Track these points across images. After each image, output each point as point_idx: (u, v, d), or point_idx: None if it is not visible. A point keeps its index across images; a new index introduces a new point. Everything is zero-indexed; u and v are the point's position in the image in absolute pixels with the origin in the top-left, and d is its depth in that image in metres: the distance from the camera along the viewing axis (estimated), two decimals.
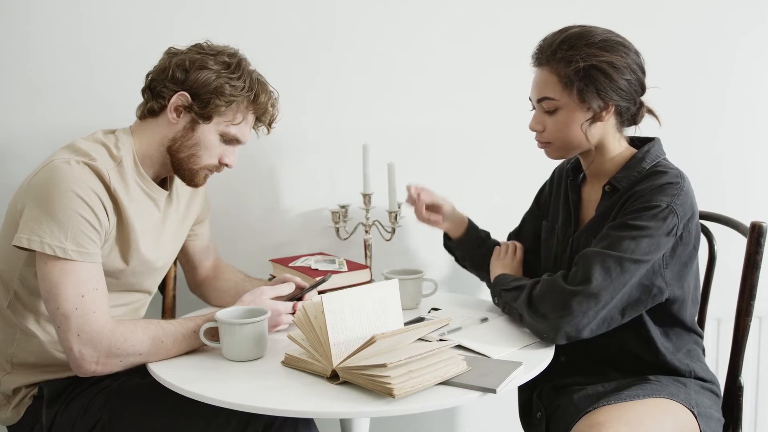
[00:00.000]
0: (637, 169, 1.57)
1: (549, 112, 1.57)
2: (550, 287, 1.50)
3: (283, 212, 2.14)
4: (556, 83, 1.54)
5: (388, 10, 2.13)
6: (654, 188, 1.50)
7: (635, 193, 1.52)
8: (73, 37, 1.89)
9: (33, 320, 1.53)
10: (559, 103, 1.55)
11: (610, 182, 1.59)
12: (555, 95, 1.55)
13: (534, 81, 1.60)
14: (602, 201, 1.62)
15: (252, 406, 1.24)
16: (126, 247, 1.54)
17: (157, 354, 1.44)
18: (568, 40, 1.54)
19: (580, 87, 1.52)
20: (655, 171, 1.55)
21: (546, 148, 1.63)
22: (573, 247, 1.64)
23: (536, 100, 1.59)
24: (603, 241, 1.50)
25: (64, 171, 1.42)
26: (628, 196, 1.53)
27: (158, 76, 1.56)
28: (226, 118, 1.56)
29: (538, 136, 1.62)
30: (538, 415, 1.62)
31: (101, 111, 1.91)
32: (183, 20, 1.97)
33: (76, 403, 1.51)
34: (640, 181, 1.55)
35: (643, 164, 1.58)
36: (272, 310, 1.53)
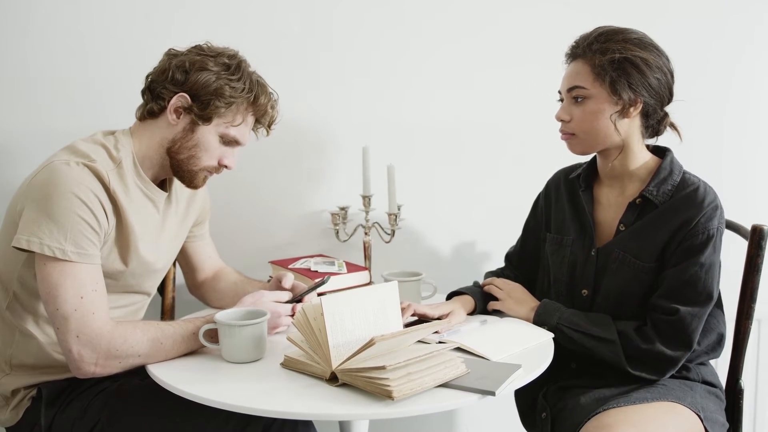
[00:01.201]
0: (671, 182, 1.59)
1: (578, 102, 1.59)
2: (648, 354, 1.52)
3: (282, 214, 2.14)
4: (588, 73, 1.57)
5: (387, 11, 2.13)
6: (705, 214, 1.54)
7: (688, 221, 1.54)
8: (72, 39, 1.89)
9: (32, 321, 1.53)
10: (590, 92, 1.57)
11: (643, 195, 1.60)
12: (586, 84, 1.57)
13: (566, 74, 1.63)
14: (629, 212, 1.62)
15: (251, 408, 1.24)
16: (125, 248, 1.54)
17: (156, 355, 1.44)
18: (605, 33, 1.58)
19: (613, 78, 1.54)
20: (689, 185, 1.58)
21: (570, 140, 1.63)
22: (600, 260, 1.64)
23: (566, 90, 1.61)
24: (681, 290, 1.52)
25: (64, 172, 1.42)
26: (681, 222, 1.54)
27: (158, 78, 1.56)
28: (226, 119, 1.56)
29: (564, 127, 1.62)
30: (543, 415, 1.61)
31: (101, 112, 1.91)
32: (182, 21, 1.97)
33: (75, 404, 1.51)
34: (674, 195, 1.58)
35: (674, 176, 1.60)
36: (272, 311, 1.53)
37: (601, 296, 1.63)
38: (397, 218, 2.07)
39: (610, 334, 1.55)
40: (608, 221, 1.66)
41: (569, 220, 1.72)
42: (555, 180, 1.83)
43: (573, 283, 1.68)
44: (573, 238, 1.70)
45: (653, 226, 1.57)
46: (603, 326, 1.57)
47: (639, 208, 1.60)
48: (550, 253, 1.76)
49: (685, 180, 1.60)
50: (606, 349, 1.55)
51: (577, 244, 1.69)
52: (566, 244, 1.71)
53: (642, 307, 1.59)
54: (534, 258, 1.84)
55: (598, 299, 1.64)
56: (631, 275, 1.59)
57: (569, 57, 1.64)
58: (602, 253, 1.63)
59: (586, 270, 1.65)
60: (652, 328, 1.53)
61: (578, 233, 1.69)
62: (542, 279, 1.79)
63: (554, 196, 1.80)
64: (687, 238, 1.53)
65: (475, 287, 1.80)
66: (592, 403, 1.51)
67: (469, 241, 2.23)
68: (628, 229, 1.61)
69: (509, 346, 1.50)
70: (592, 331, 1.57)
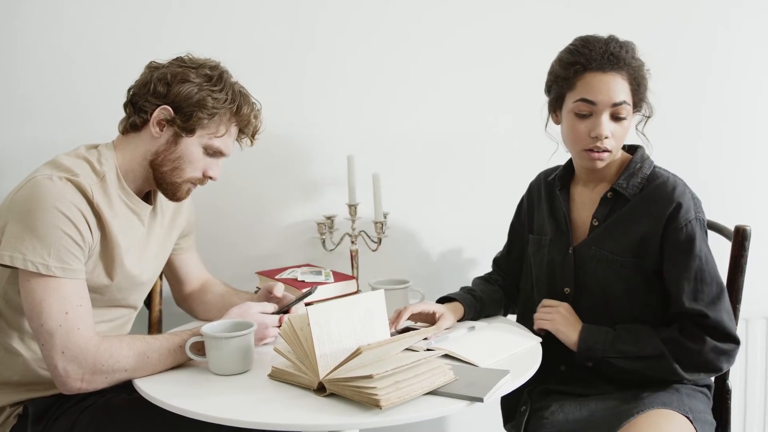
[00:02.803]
0: (640, 176, 1.61)
1: (618, 119, 1.57)
2: (702, 354, 1.50)
3: (268, 224, 2.14)
4: (628, 88, 1.57)
5: (368, 20, 2.14)
6: (677, 206, 1.54)
7: (661, 216, 1.54)
8: (55, 53, 1.89)
9: (17, 338, 1.51)
10: (629, 109, 1.58)
11: (613, 188, 1.61)
12: (629, 100, 1.58)
13: (604, 85, 1.55)
14: (601, 207, 1.63)
15: (239, 420, 1.23)
16: (110, 262, 1.53)
17: (143, 370, 1.43)
18: (627, 46, 1.59)
19: (642, 93, 1.60)
20: (657, 177, 1.60)
21: (603, 157, 1.59)
22: (577, 258, 1.64)
23: (612, 104, 1.56)
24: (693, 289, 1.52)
25: (47, 187, 1.41)
26: (655, 216, 1.55)
27: (140, 91, 1.55)
28: (209, 130, 1.56)
29: (603, 143, 1.57)
30: (523, 408, 1.62)
31: (84, 126, 1.91)
32: (166, 34, 1.97)
33: (61, 421, 1.50)
34: (645, 188, 1.59)
35: (644, 170, 1.62)
36: (258, 323, 1.53)
37: (584, 294, 1.64)
38: (383, 226, 2.07)
39: (657, 348, 1.52)
40: (583, 219, 1.68)
41: (547, 221, 1.74)
42: (536, 182, 1.84)
43: (554, 282, 1.69)
44: (550, 237, 1.71)
45: (626, 221, 1.59)
46: (647, 342, 1.53)
47: (611, 203, 1.62)
48: (531, 253, 1.78)
49: (655, 173, 1.61)
50: (657, 365, 1.52)
51: (554, 243, 1.70)
52: (544, 244, 1.73)
53: (631, 301, 1.59)
54: (521, 261, 1.84)
55: (581, 297, 1.64)
56: (610, 271, 1.59)
57: (603, 66, 1.56)
58: (579, 252, 1.65)
59: (566, 269, 1.66)
60: (695, 327, 1.52)
61: (555, 233, 1.71)
62: (525, 279, 1.80)
63: (536, 197, 1.81)
64: (670, 235, 1.54)
65: (464, 293, 1.79)
66: (577, 422, 1.49)
67: (455, 248, 2.24)
68: (601, 224, 1.62)
69: (497, 352, 1.50)
70: (638, 352, 1.53)
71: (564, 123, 1.63)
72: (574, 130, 1.59)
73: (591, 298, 1.63)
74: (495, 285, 1.87)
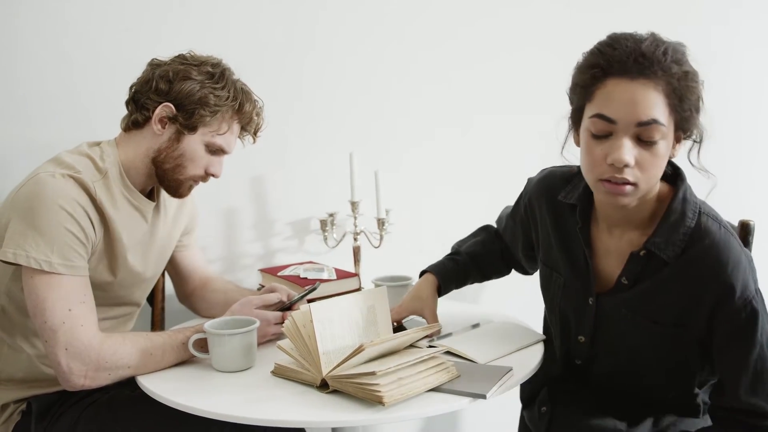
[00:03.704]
0: (682, 230, 1.27)
1: (647, 143, 1.20)
2: None
3: (271, 221, 2.14)
4: (663, 103, 1.19)
5: (368, 17, 2.14)
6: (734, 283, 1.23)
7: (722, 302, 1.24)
8: (56, 50, 1.89)
9: (20, 335, 1.52)
10: (665, 131, 1.19)
11: (647, 248, 1.29)
12: (664, 120, 1.19)
13: (628, 96, 1.18)
14: (631, 265, 1.32)
15: (242, 417, 1.24)
16: (113, 259, 1.53)
17: (146, 366, 1.44)
18: (668, 46, 1.20)
19: (687, 111, 1.21)
20: (704, 236, 1.26)
21: (625, 191, 1.22)
22: (600, 312, 1.39)
23: (637, 123, 1.18)
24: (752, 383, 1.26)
25: (49, 184, 1.42)
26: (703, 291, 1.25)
27: (142, 88, 1.55)
28: (212, 128, 1.56)
29: (623, 173, 1.21)
30: (543, 409, 1.49)
31: (86, 124, 1.91)
32: (167, 32, 1.97)
33: (65, 417, 1.50)
34: (687, 248, 1.26)
35: (686, 221, 1.27)
36: (261, 320, 1.53)
37: (603, 349, 1.43)
38: (385, 223, 2.08)
39: None
40: (606, 270, 1.39)
41: (557, 255, 1.46)
42: (537, 193, 1.52)
43: (567, 326, 1.48)
44: (564, 280, 1.44)
45: (666, 289, 1.30)
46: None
47: (643, 261, 1.31)
48: (541, 281, 1.55)
49: (701, 228, 1.26)
50: None
51: (570, 287, 1.44)
52: (556, 283, 1.47)
53: (660, 364, 1.37)
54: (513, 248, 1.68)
55: (599, 350, 1.44)
56: (645, 337, 1.35)
57: (630, 70, 1.18)
58: (602, 306, 1.39)
59: (584, 319, 1.42)
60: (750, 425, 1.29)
61: (571, 276, 1.43)
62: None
63: (537, 212, 1.52)
64: (724, 318, 1.25)
65: (444, 260, 1.71)
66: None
67: None
68: (633, 287, 1.33)
69: (500, 349, 1.50)
70: None
71: (581, 144, 1.29)
72: (590, 153, 1.24)
73: (612, 355, 1.42)
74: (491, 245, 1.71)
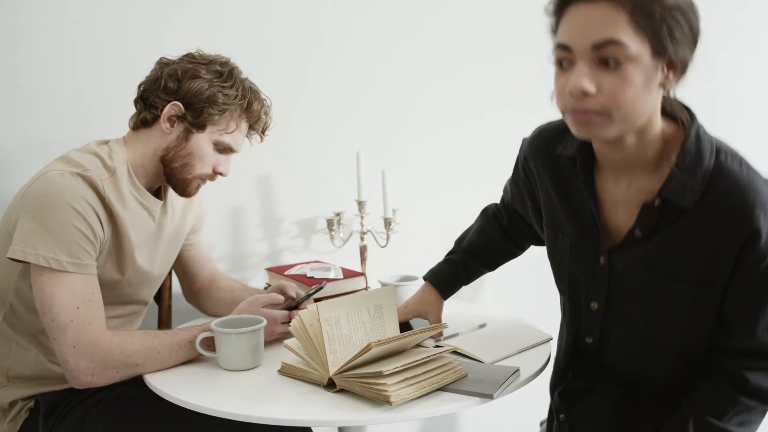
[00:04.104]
0: (700, 173, 1.15)
1: (608, 65, 1.08)
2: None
3: (277, 220, 2.14)
4: (626, 23, 1.06)
5: (376, 15, 2.14)
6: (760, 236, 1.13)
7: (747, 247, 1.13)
8: (64, 49, 1.89)
9: (29, 333, 1.52)
10: (630, 52, 1.07)
11: (662, 195, 1.17)
12: (626, 38, 1.06)
13: (583, 19, 1.09)
14: (645, 216, 1.20)
15: (249, 416, 1.24)
16: (121, 257, 1.54)
17: (153, 364, 1.44)
18: None
19: (658, 29, 1.07)
20: (725, 176, 1.14)
21: (592, 123, 1.11)
22: (612, 273, 1.27)
23: (592, 45, 1.07)
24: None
25: (58, 182, 1.42)
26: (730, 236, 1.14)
27: (150, 87, 1.56)
28: (220, 126, 1.56)
29: (584, 103, 1.09)
30: (561, 416, 1.39)
31: (94, 122, 1.91)
32: (174, 31, 1.97)
33: (72, 415, 1.51)
34: (707, 193, 1.14)
35: (703, 162, 1.15)
36: (268, 319, 1.53)
37: (618, 320, 1.30)
38: (392, 223, 2.08)
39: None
40: (616, 224, 1.26)
41: (561, 215, 1.34)
42: (532, 151, 1.40)
43: (577, 293, 1.35)
44: (571, 240, 1.33)
45: (686, 240, 1.18)
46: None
47: (658, 211, 1.19)
48: (548, 250, 1.42)
49: (722, 168, 1.15)
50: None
51: (577, 248, 1.32)
52: (563, 245, 1.35)
53: (683, 336, 1.24)
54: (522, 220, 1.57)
55: (613, 322, 1.30)
56: (665, 302, 1.22)
57: None
58: (616, 264, 1.26)
59: (595, 282, 1.30)
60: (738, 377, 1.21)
61: (577, 235, 1.32)
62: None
63: (536, 172, 1.39)
64: (751, 264, 1.15)
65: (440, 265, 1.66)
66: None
67: None
68: (647, 240, 1.21)
69: (507, 349, 1.50)
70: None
71: None
72: (555, 86, 1.15)
73: (629, 324, 1.28)
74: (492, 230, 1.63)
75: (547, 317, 1.69)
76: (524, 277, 2.08)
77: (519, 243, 1.65)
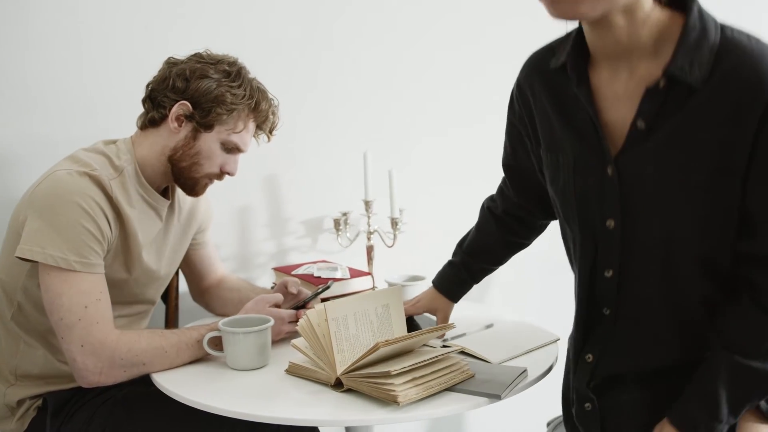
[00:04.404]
0: (707, 47, 1.03)
1: None
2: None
3: (284, 220, 2.14)
4: None
5: (386, 17, 2.13)
6: None
7: (766, 116, 1.00)
8: (72, 48, 1.90)
9: (37, 332, 1.53)
10: None
11: (668, 74, 1.04)
12: None
13: None
14: (648, 102, 1.07)
15: (256, 415, 1.24)
16: (129, 257, 1.54)
17: (160, 364, 1.44)
18: None
19: None
20: (732, 47, 1.03)
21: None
22: (622, 183, 1.11)
23: None
24: None
25: (66, 182, 1.42)
26: (744, 111, 1.01)
27: (159, 86, 1.56)
28: (228, 126, 1.56)
29: None
30: (587, 406, 1.23)
31: (102, 121, 1.91)
32: (181, 30, 1.98)
33: (80, 414, 1.51)
34: (715, 67, 1.03)
35: (709, 36, 1.04)
36: (275, 318, 1.53)
37: (637, 232, 1.13)
38: (399, 223, 2.08)
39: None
40: (619, 121, 1.12)
41: (560, 132, 1.20)
42: (524, 75, 1.29)
43: (587, 215, 1.18)
44: (573, 156, 1.18)
45: (696, 125, 1.04)
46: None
47: (663, 95, 1.06)
48: (549, 180, 1.26)
49: (728, 40, 1.04)
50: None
51: (580, 163, 1.17)
52: (565, 165, 1.20)
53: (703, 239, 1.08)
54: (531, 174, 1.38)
55: (632, 236, 1.13)
56: (679, 200, 1.07)
57: None
58: (624, 171, 1.11)
59: (607, 196, 1.13)
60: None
61: (579, 149, 1.17)
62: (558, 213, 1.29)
63: (530, 95, 1.28)
64: (765, 139, 1.01)
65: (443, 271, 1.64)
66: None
67: None
68: (652, 131, 1.07)
69: (514, 350, 1.50)
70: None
71: None
72: None
73: (645, 239, 1.12)
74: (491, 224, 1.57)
75: (554, 318, 1.68)
76: (531, 277, 2.08)
77: (517, 231, 1.55)
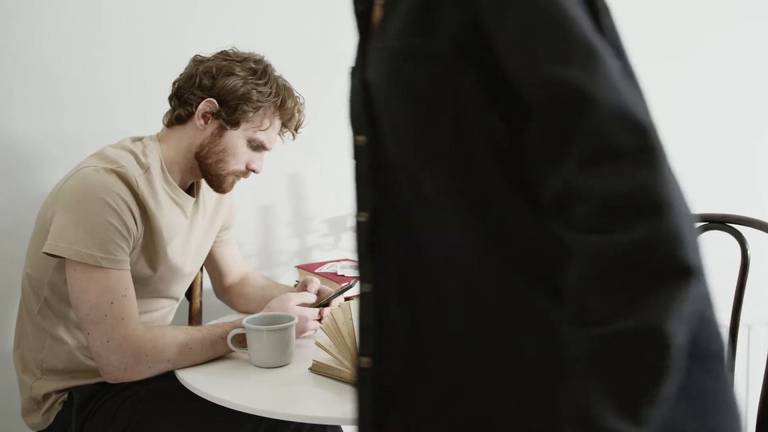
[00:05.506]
0: None
1: None
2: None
3: (308, 218, 2.14)
4: None
5: None
6: None
7: None
8: (99, 46, 1.90)
9: (63, 326, 1.54)
10: None
11: None
12: None
13: None
14: None
15: (280, 413, 1.24)
16: (154, 253, 1.54)
17: (185, 360, 1.45)
18: None
19: None
20: None
21: None
22: (367, 91, 0.90)
23: None
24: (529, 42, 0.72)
25: (93, 178, 1.43)
26: None
27: (185, 84, 1.56)
28: (254, 124, 1.56)
29: None
30: None
31: (128, 119, 1.92)
32: (204, 29, 1.98)
33: (105, 408, 1.52)
34: None
35: None
36: (299, 316, 1.53)
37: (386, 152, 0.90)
38: None
39: None
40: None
41: None
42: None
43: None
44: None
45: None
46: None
47: None
48: None
49: None
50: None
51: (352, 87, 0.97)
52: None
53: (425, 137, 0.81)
54: None
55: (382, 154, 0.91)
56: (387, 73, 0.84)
57: None
58: (369, 79, 0.91)
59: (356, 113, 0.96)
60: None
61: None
62: None
63: None
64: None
65: None
66: None
67: None
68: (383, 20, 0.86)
69: None
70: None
71: None
72: None
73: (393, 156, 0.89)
74: None
75: None
76: None
77: None
